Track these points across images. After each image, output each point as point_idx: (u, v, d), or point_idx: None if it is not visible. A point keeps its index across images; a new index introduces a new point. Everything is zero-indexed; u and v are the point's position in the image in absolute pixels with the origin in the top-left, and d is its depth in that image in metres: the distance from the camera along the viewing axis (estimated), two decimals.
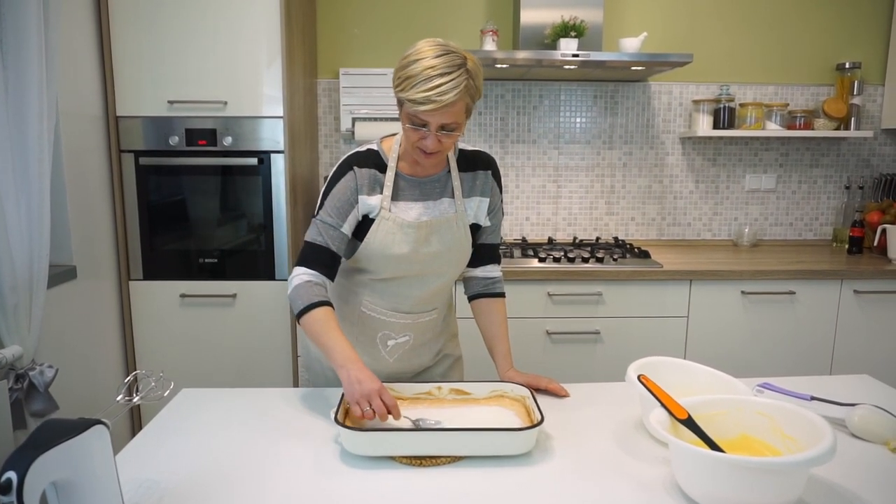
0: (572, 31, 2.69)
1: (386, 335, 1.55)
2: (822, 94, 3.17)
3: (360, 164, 1.45)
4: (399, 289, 1.50)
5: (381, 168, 1.46)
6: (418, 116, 1.31)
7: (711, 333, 2.64)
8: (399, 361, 1.57)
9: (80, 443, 0.87)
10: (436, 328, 1.61)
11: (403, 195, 1.47)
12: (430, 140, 1.34)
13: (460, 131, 1.36)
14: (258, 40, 2.42)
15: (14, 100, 1.71)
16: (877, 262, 2.78)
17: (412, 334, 1.56)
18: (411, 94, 1.28)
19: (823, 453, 0.94)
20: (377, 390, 1.24)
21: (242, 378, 2.59)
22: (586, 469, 1.16)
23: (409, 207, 1.46)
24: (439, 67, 1.28)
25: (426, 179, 1.49)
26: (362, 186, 1.43)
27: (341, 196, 1.43)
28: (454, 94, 1.28)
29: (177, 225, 2.54)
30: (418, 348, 1.58)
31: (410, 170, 1.48)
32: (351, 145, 3.09)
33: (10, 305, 1.69)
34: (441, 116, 1.30)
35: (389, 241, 1.44)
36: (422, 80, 1.27)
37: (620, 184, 3.20)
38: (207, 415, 1.39)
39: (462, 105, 1.32)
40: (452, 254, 1.51)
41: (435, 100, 1.27)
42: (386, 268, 1.47)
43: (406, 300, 1.52)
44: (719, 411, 1.14)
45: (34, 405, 1.76)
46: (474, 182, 1.53)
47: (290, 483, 1.11)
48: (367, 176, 1.44)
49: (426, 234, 1.46)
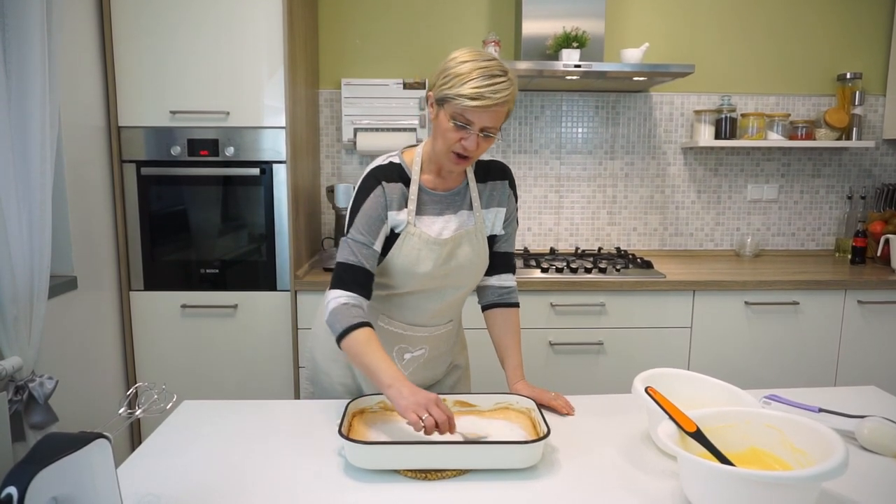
0: (574, 42, 2.70)
1: (403, 349, 1.54)
2: (823, 104, 3.17)
3: (388, 178, 1.43)
4: (418, 302, 1.50)
5: (405, 182, 1.45)
6: (465, 115, 1.30)
7: (715, 344, 2.63)
8: (413, 375, 1.55)
9: (81, 457, 0.86)
10: (450, 340, 1.61)
11: (426, 209, 1.46)
12: (471, 140, 1.33)
13: (495, 137, 1.36)
14: (260, 50, 2.43)
15: (16, 109, 1.71)
16: (880, 272, 2.77)
17: (427, 347, 1.56)
18: (463, 89, 1.28)
19: (836, 467, 0.92)
20: (434, 400, 1.20)
21: (244, 389, 2.58)
22: (593, 482, 1.15)
23: (433, 222, 1.46)
24: (491, 69, 1.29)
25: (447, 193, 1.49)
26: (391, 202, 1.42)
27: (372, 213, 1.41)
28: (506, 94, 1.29)
29: (178, 235, 2.53)
30: (433, 360, 1.59)
31: (432, 183, 1.48)
32: (352, 156, 3.09)
33: (10, 316, 1.68)
34: (488, 117, 1.31)
35: (414, 258, 1.43)
36: (475, 77, 1.28)
37: (622, 194, 3.20)
38: (209, 427, 1.37)
39: (505, 110, 1.33)
40: (473, 266, 1.51)
41: (488, 96, 1.27)
42: (408, 283, 1.46)
43: (424, 313, 1.51)
44: (728, 424, 1.13)
45: (34, 417, 1.74)
46: (492, 192, 1.53)
47: (293, 496, 1.10)
48: (395, 191, 1.43)
49: (450, 249, 1.46)
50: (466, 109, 1.29)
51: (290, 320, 2.54)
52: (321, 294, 2.51)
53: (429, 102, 1.39)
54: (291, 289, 2.53)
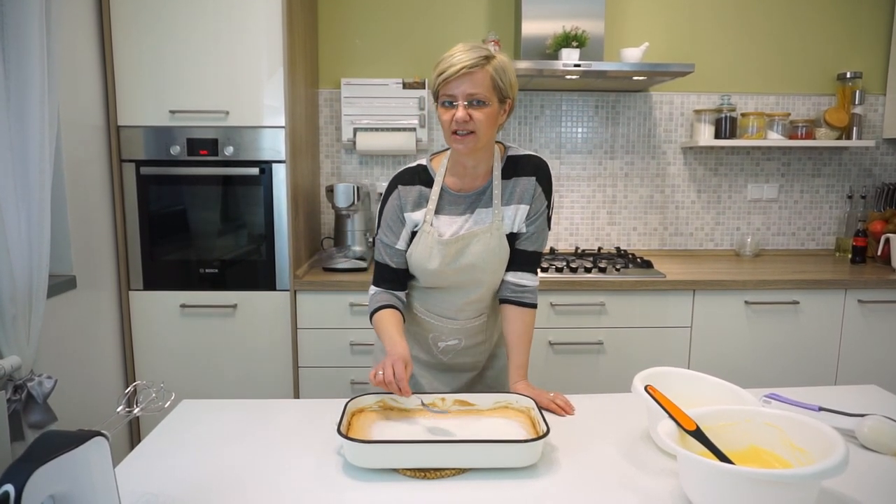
0: (574, 42, 2.69)
1: (436, 337, 1.62)
2: (823, 103, 3.17)
3: (405, 181, 1.54)
4: (442, 296, 1.59)
5: (427, 183, 1.53)
6: (446, 92, 1.39)
7: (715, 344, 2.62)
8: (453, 360, 1.66)
9: (79, 455, 0.86)
10: (487, 331, 1.66)
11: (448, 210, 1.53)
12: (459, 111, 1.38)
13: (491, 109, 1.39)
14: (260, 50, 2.42)
15: (15, 109, 1.70)
16: (880, 271, 2.77)
17: (462, 337, 1.62)
18: (439, 68, 1.38)
19: (836, 465, 0.92)
20: (395, 361, 1.33)
21: (243, 389, 2.57)
22: (592, 481, 1.14)
23: (452, 222, 1.52)
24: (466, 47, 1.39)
25: (470, 194, 1.53)
26: (406, 204, 1.53)
27: (390, 216, 1.55)
28: (473, 56, 1.36)
29: (177, 235, 2.53)
30: (471, 349, 1.65)
31: (456, 185, 1.53)
32: (352, 155, 3.09)
33: (8, 315, 1.67)
34: (467, 84, 1.36)
35: (426, 255, 1.51)
36: (450, 55, 1.38)
37: (622, 194, 3.20)
38: (208, 426, 1.37)
39: (486, 77, 1.37)
40: (488, 264, 1.53)
41: (455, 63, 1.35)
42: (426, 279, 1.56)
43: (450, 307, 1.60)
44: (728, 422, 1.13)
45: (32, 416, 1.74)
46: (514, 189, 1.52)
47: (292, 495, 1.10)
48: (411, 193, 1.53)
49: (458, 248, 1.50)
50: (442, 85, 1.38)
51: (289, 320, 2.54)
52: (321, 294, 2.53)
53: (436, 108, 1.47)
54: (291, 288, 2.53)
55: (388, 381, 1.30)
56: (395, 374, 1.31)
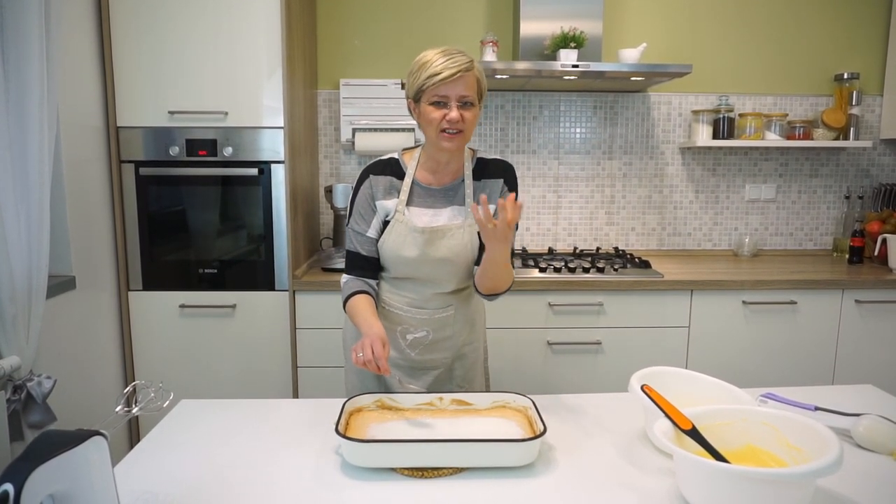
0: (572, 42, 2.70)
1: (405, 329, 1.64)
2: (820, 104, 3.18)
3: (377, 171, 1.60)
4: (414, 286, 1.62)
5: (399, 175, 1.60)
6: (439, 92, 1.44)
7: (713, 343, 2.63)
8: (420, 355, 1.66)
9: (78, 454, 0.86)
10: (455, 325, 1.66)
11: (418, 202, 1.59)
12: (453, 112, 1.45)
13: (477, 109, 1.50)
14: (259, 51, 2.43)
15: (15, 110, 1.71)
16: (878, 271, 2.78)
17: (430, 330, 1.64)
18: (430, 71, 1.44)
19: (831, 464, 0.93)
20: (373, 341, 1.36)
21: (242, 389, 2.58)
22: (589, 480, 1.15)
23: (423, 213, 1.58)
24: (447, 51, 1.47)
25: (440, 188, 1.59)
26: (377, 192, 1.58)
27: (361, 203, 1.60)
28: (466, 61, 1.45)
29: (176, 235, 2.53)
30: (438, 343, 1.66)
31: (427, 179, 1.60)
32: (351, 156, 3.10)
33: (8, 316, 1.68)
34: (461, 86, 1.44)
35: (401, 243, 1.56)
36: (436, 59, 1.45)
37: (620, 194, 3.20)
38: (207, 426, 1.37)
39: (474, 79, 1.47)
40: (459, 259, 1.58)
41: (452, 66, 1.42)
42: (398, 268, 1.59)
43: (419, 298, 1.62)
44: (724, 422, 1.13)
45: (32, 416, 1.75)
46: (484, 189, 1.60)
47: (290, 495, 1.10)
48: (382, 182, 1.59)
49: (433, 238, 1.54)
50: (438, 86, 1.44)
51: (288, 320, 2.55)
52: (320, 294, 2.53)
53: (410, 108, 1.55)
54: (290, 289, 2.53)
55: (368, 360, 1.34)
56: (374, 353, 1.35)
